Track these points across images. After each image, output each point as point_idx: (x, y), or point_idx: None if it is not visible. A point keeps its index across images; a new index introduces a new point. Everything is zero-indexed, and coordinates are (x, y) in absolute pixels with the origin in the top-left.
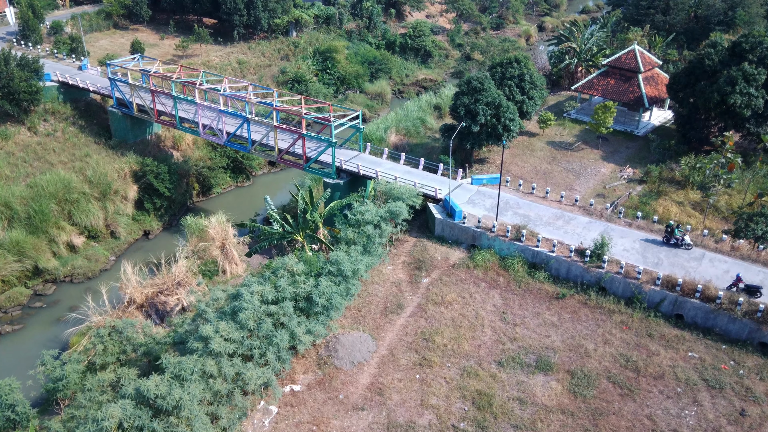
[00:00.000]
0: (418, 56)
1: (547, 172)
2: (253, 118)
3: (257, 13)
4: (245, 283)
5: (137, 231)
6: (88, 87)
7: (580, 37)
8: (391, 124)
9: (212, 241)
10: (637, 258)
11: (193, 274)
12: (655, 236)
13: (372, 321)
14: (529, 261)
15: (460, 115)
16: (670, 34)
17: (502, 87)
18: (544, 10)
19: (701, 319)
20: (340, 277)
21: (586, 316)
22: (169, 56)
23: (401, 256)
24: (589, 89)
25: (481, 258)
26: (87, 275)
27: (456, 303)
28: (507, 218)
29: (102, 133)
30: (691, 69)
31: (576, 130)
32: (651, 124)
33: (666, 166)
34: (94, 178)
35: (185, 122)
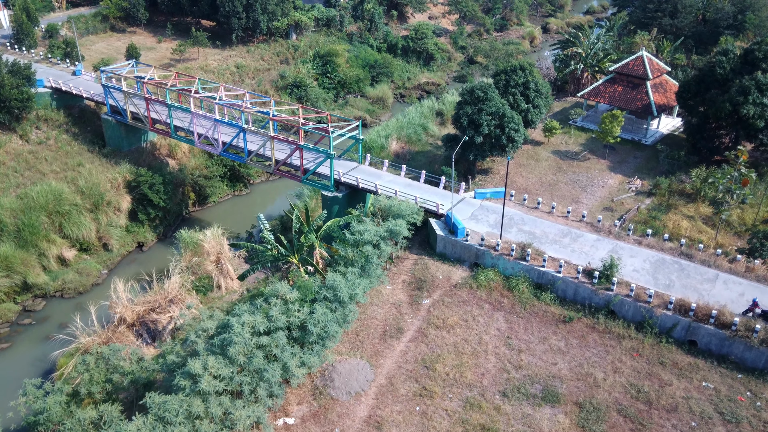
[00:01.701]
0: (421, 59)
1: (552, 184)
2: (249, 128)
3: (256, 16)
4: (235, 312)
5: (131, 243)
6: (81, 94)
7: (586, 42)
8: (392, 131)
9: (207, 255)
10: (648, 279)
11: (186, 291)
12: (665, 255)
13: (370, 346)
14: (535, 281)
15: (462, 125)
16: (677, 37)
17: (506, 95)
18: (549, 11)
19: (716, 346)
20: (337, 303)
21: (594, 342)
22: (166, 60)
23: (401, 274)
24: (595, 96)
25: (484, 278)
26: (78, 290)
27: (458, 327)
28: (511, 235)
29: (96, 140)
30: (701, 77)
31: (582, 139)
32: (659, 132)
33: (676, 178)
34: (86, 189)
35: (180, 131)
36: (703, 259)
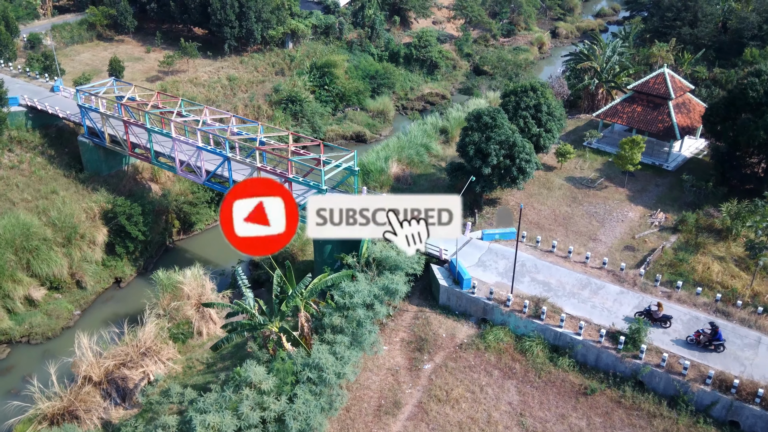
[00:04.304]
0: (424, 67)
1: (567, 217)
2: (234, 158)
3: (250, 25)
4: (198, 407)
5: (107, 279)
6: (57, 113)
7: (602, 56)
8: (392, 153)
9: (187, 299)
10: (681, 344)
11: (162, 340)
12: (699, 312)
13: (362, 426)
14: (551, 343)
15: (468, 154)
16: (697, 48)
17: (516, 118)
18: (558, 15)
19: (762, 429)
20: (323, 385)
21: (621, 420)
22: (154, 72)
23: (399, 331)
24: (612, 117)
25: (493, 338)
26: (46, 335)
27: (464, 400)
28: (524, 286)
29: (73, 164)
30: (731, 99)
31: (598, 163)
32: (682, 156)
33: (703, 211)
34: (58, 221)
35: (162, 156)
36: (743, 317)
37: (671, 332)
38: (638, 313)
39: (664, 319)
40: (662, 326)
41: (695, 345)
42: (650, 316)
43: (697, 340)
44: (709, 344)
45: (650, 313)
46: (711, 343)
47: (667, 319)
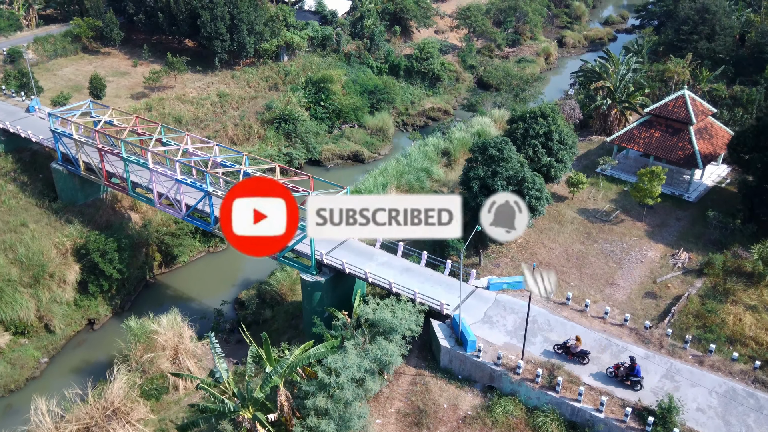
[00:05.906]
0: (426, 80)
1: (581, 257)
2: (215, 193)
3: (242, 38)
4: None
5: (79, 321)
6: (30, 137)
7: (615, 74)
8: (390, 178)
9: (162, 350)
10: (718, 425)
11: (132, 399)
12: (736, 383)
13: None
14: (567, 419)
15: (473, 190)
16: (714, 62)
17: (525, 147)
18: (565, 23)
19: None
20: None
21: None
22: (140, 88)
23: (395, 399)
24: (628, 142)
25: (501, 411)
26: (9, 387)
27: None
28: (536, 347)
29: (47, 192)
30: (761, 128)
31: (612, 193)
32: (704, 185)
33: (730, 251)
34: (26, 258)
35: (139, 188)
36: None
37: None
38: (556, 345)
39: (581, 354)
40: (580, 362)
41: None
42: (567, 350)
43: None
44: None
45: (567, 348)
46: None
47: (584, 354)
